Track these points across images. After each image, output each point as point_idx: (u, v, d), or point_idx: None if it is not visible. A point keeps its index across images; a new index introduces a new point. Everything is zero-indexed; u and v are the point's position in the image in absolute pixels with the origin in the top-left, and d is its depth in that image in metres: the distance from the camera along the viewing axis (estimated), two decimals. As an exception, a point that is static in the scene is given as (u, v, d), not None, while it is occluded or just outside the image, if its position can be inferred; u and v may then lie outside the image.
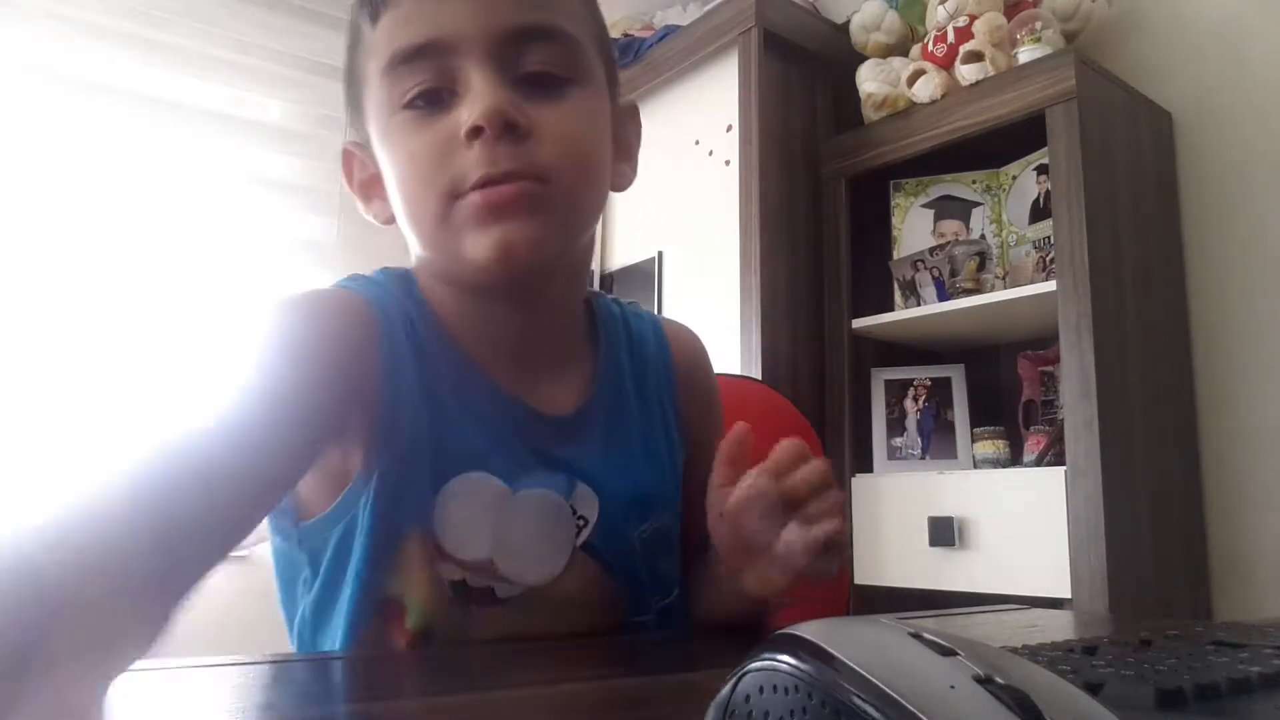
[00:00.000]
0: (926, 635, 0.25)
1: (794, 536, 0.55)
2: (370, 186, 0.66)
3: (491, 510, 0.61)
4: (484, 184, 0.56)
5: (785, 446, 0.57)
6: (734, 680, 0.27)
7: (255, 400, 0.49)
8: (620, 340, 0.73)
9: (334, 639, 0.60)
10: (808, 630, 0.26)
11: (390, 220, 0.64)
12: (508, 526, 0.61)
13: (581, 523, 0.64)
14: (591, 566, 0.64)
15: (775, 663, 0.26)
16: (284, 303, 0.58)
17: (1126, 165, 1.74)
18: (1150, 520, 1.60)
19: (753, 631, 0.61)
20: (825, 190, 2.08)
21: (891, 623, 0.27)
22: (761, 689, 0.26)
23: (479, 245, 0.57)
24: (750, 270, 1.95)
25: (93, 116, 2.21)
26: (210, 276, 2.31)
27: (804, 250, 2.04)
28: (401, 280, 0.65)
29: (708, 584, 0.66)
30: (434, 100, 0.58)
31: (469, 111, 0.55)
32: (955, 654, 0.24)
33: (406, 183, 0.59)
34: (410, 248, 0.65)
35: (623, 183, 0.68)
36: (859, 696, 0.23)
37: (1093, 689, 0.35)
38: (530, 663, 0.53)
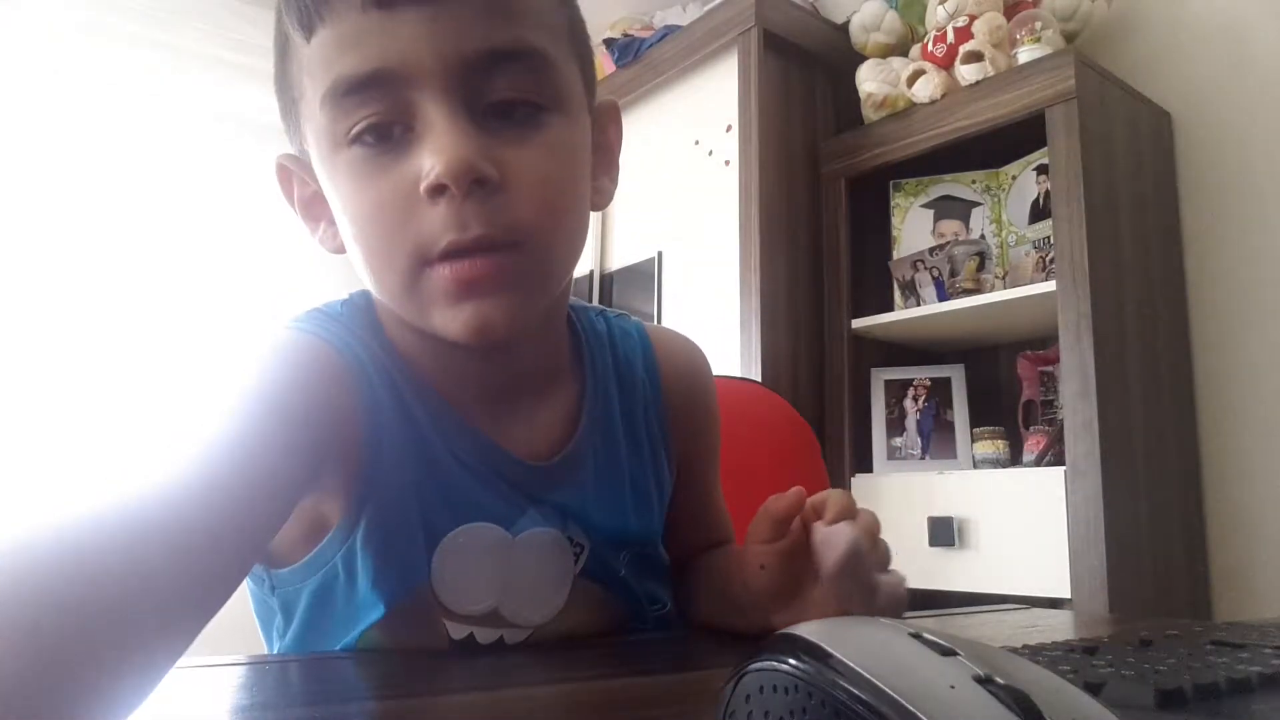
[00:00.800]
0: (926, 635, 0.26)
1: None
2: (314, 205, 0.59)
3: (493, 557, 0.58)
4: (453, 251, 0.49)
5: (834, 501, 0.56)
6: (734, 680, 0.27)
7: (224, 458, 0.42)
8: (607, 367, 0.67)
9: None
10: (807, 630, 0.26)
11: (342, 250, 0.57)
12: (510, 572, 0.59)
13: (578, 550, 0.62)
14: (592, 590, 0.63)
15: (775, 663, 0.26)
16: (251, 355, 0.52)
17: (1126, 165, 1.74)
18: (1150, 520, 1.60)
19: (754, 632, 0.61)
20: (825, 190, 2.08)
21: (891, 623, 0.27)
22: (761, 689, 0.26)
23: (451, 323, 0.51)
24: (750, 270, 1.95)
25: (99, 117, 2.21)
26: (221, 277, 2.31)
27: (804, 250, 2.04)
28: (364, 315, 0.60)
29: (719, 598, 0.66)
30: (385, 135, 0.50)
31: (431, 162, 0.48)
32: (955, 654, 0.24)
33: (365, 239, 0.52)
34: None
35: (603, 200, 0.61)
36: (859, 696, 0.23)
37: (1093, 689, 0.35)
38: (533, 663, 0.53)
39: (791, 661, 0.25)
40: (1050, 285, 1.65)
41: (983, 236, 1.96)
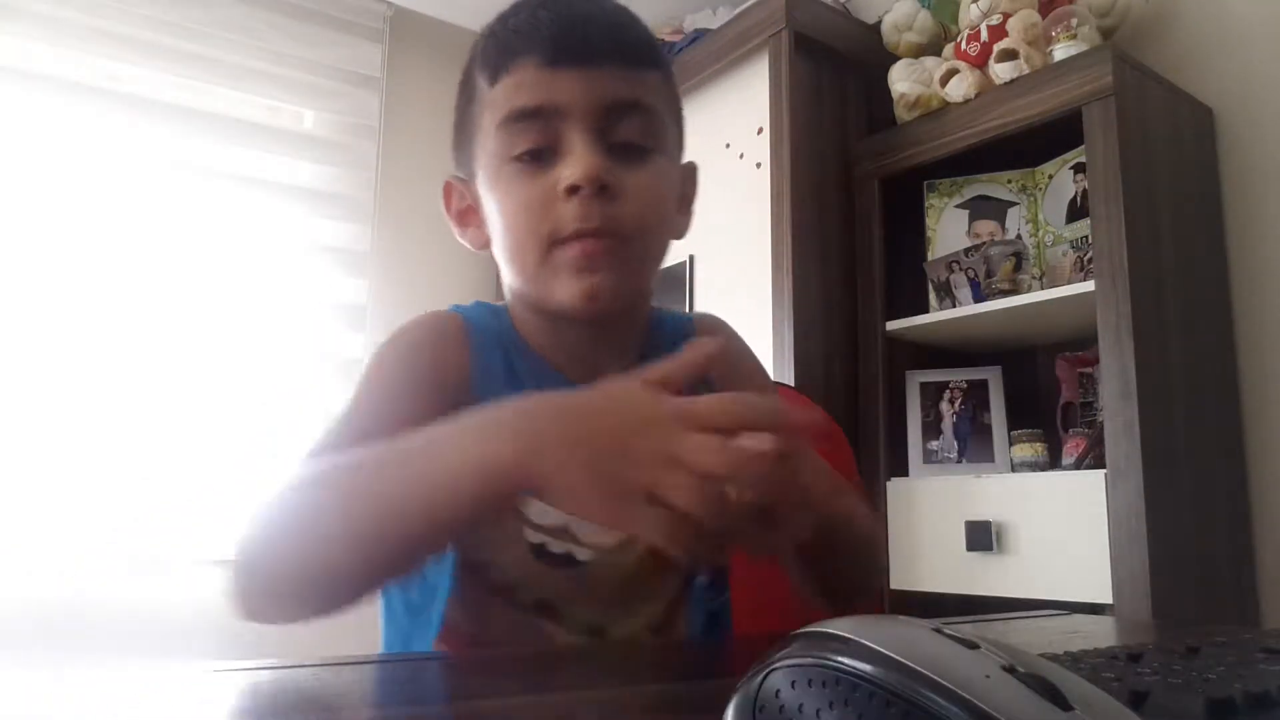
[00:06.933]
0: (948, 631, 0.26)
1: None
2: (466, 215, 0.78)
3: None
4: (578, 236, 0.67)
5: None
6: (761, 675, 0.26)
7: (382, 405, 0.67)
8: (666, 345, 0.82)
9: (430, 613, 0.72)
10: (838, 626, 0.26)
11: (483, 247, 0.77)
12: None
13: None
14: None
15: (813, 658, 0.25)
16: (399, 329, 0.74)
17: (1166, 162, 1.71)
18: (1194, 524, 1.57)
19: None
20: (858, 192, 2.07)
21: (912, 620, 0.28)
22: (794, 683, 0.25)
23: (571, 290, 0.68)
24: (782, 273, 1.94)
25: (130, 129, 2.25)
26: (246, 285, 2.34)
27: (837, 253, 2.03)
28: (492, 308, 0.79)
29: None
30: (538, 158, 0.68)
31: (570, 171, 0.66)
32: (978, 647, 0.25)
33: (514, 226, 0.70)
34: (503, 278, 0.76)
35: (680, 232, 0.81)
36: (906, 683, 0.23)
37: (1139, 697, 0.35)
38: (570, 668, 0.53)
39: (828, 655, 0.25)
40: (1089, 285, 1.62)
41: (1019, 237, 1.94)
